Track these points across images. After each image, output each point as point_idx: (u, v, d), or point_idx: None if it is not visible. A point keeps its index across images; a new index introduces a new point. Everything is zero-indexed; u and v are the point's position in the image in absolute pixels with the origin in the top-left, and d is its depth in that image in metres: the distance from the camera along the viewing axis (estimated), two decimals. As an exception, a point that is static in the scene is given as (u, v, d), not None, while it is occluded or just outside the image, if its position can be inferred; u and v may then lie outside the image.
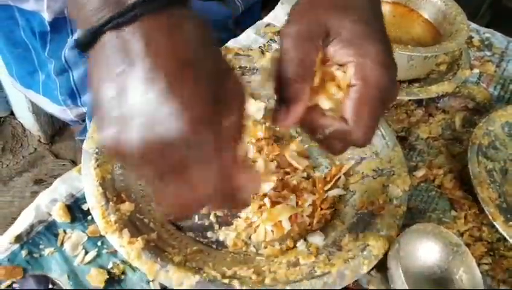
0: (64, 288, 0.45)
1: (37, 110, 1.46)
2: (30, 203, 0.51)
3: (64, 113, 0.82)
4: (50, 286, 0.44)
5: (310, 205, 0.53)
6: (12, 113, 1.58)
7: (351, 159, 0.58)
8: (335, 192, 0.56)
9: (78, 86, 0.78)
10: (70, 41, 0.72)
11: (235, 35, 0.75)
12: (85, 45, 0.31)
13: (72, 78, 0.76)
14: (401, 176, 0.54)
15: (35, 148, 1.58)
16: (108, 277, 0.46)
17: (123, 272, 0.47)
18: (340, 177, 0.57)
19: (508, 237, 0.51)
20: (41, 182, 1.50)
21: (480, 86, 0.73)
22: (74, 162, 1.50)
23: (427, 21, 0.75)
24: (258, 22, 0.78)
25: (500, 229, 0.52)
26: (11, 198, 1.45)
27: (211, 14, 0.84)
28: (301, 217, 0.52)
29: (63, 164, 1.56)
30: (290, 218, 0.51)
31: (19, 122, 1.59)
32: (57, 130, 1.62)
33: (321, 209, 0.54)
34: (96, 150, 0.50)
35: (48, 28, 0.70)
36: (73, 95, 0.79)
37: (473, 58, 0.77)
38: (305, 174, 0.57)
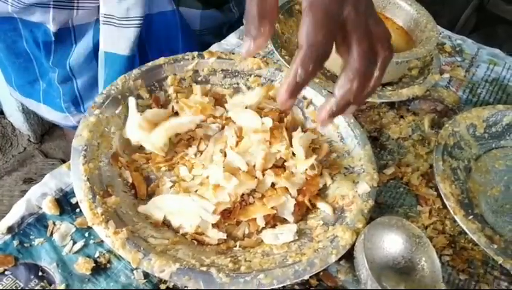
0: (53, 275, 0.48)
1: (26, 110, 1.48)
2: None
3: (66, 119, 0.84)
4: (40, 274, 0.48)
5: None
6: (2, 113, 1.60)
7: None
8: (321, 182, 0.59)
9: (82, 93, 0.80)
10: (74, 50, 0.74)
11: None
12: None
13: (76, 86, 0.79)
14: (370, 173, 0.58)
15: (25, 148, 1.60)
16: (94, 265, 0.49)
17: (109, 261, 0.50)
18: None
19: (466, 230, 0.55)
20: (31, 181, 1.51)
21: (450, 90, 0.78)
22: (64, 161, 1.52)
23: (401, 28, 0.79)
24: (241, 27, 0.82)
25: (460, 223, 0.56)
26: (0, 196, 1.47)
27: (208, 21, 0.87)
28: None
29: (52, 163, 1.58)
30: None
31: (9, 121, 1.60)
32: (46, 130, 1.63)
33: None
34: (85, 147, 0.53)
35: (53, 38, 0.71)
36: (76, 102, 0.81)
37: (444, 63, 0.82)
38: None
